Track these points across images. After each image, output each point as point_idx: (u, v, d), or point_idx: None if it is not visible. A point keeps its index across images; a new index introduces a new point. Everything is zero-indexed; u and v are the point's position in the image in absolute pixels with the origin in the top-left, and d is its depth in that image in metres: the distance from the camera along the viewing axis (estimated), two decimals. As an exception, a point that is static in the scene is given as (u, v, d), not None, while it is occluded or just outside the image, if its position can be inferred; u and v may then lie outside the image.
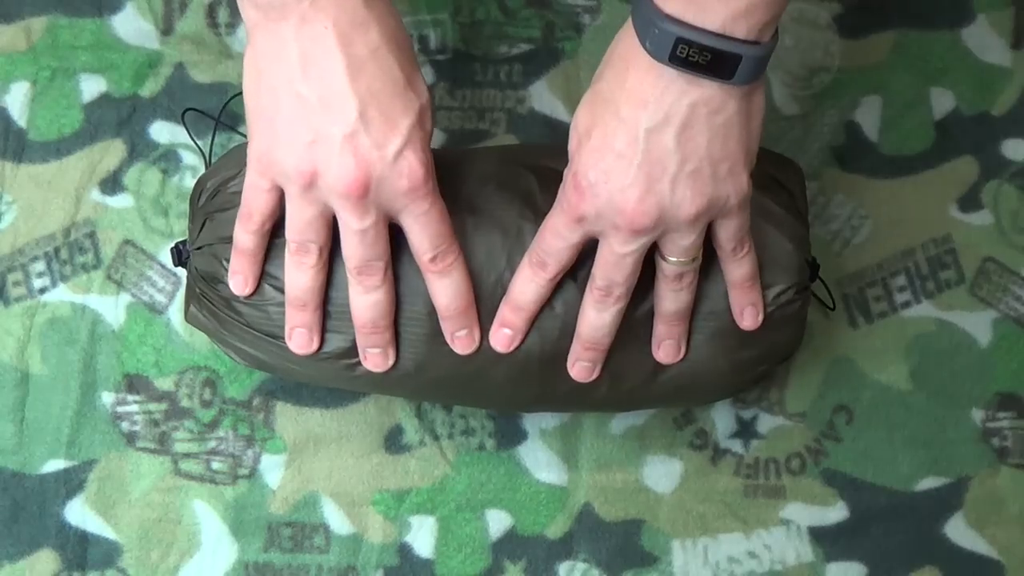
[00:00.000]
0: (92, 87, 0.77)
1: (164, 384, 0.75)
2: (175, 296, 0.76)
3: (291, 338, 0.62)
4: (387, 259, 0.59)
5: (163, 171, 0.77)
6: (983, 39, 0.80)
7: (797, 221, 0.64)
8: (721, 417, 0.76)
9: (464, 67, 0.79)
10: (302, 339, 0.62)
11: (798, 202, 0.65)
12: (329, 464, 0.75)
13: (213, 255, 0.62)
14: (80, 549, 0.74)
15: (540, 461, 0.76)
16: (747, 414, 0.76)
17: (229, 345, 0.65)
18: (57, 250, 0.76)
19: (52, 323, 0.75)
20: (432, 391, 0.65)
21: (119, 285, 0.76)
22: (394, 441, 0.75)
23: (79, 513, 0.74)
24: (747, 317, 0.62)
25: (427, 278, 0.60)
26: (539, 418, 0.76)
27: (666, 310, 0.61)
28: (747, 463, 0.76)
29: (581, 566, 0.75)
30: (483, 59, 0.79)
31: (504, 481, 0.75)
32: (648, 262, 0.59)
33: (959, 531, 0.75)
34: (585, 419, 0.76)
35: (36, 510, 0.74)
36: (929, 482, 0.76)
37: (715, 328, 0.63)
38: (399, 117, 0.56)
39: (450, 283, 0.59)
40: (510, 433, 0.76)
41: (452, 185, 0.61)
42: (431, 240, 0.58)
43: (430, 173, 0.57)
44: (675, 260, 0.58)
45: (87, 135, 0.77)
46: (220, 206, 0.63)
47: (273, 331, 0.62)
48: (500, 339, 0.62)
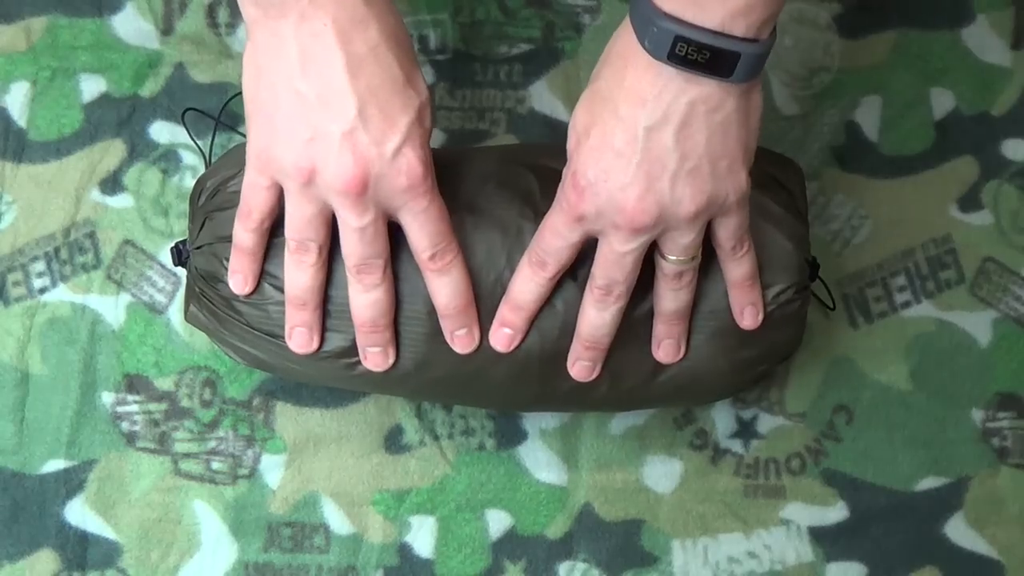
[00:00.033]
0: (92, 87, 0.77)
1: (164, 384, 0.75)
2: (175, 296, 0.76)
3: (291, 337, 0.62)
4: (386, 257, 0.59)
5: (163, 171, 0.77)
6: (983, 39, 0.80)
7: (797, 220, 0.64)
8: (721, 417, 0.76)
9: (464, 67, 0.79)
10: (302, 338, 0.62)
11: (798, 202, 0.65)
12: (329, 464, 0.75)
13: (213, 254, 0.62)
14: (80, 549, 0.74)
15: (540, 461, 0.76)
16: (747, 414, 0.76)
17: (229, 344, 0.65)
18: (57, 250, 0.76)
19: (52, 323, 0.75)
20: (432, 390, 0.65)
21: (119, 285, 0.76)
22: (394, 441, 0.75)
23: (79, 513, 0.74)
24: (747, 317, 0.62)
25: (426, 276, 0.60)
26: (539, 418, 0.76)
27: (666, 309, 0.61)
28: (747, 463, 0.76)
29: (581, 566, 0.75)
30: (483, 59, 0.79)
31: (504, 481, 0.75)
32: (648, 261, 0.59)
33: (959, 531, 0.75)
34: (585, 419, 0.76)
35: (36, 510, 0.74)
36: (929, 482, 0.76)
37: (715, 328, 0.63)
38: (398, 115, 0.56)
39: (449, 281, 0.59)
40: (510, 433, 0.76)
41: (452, 184, 0.61)
42: (430, 238, 0.58)
43: (429, 171, 0.57)
44: (674, 259, 0.58)
45: (87, 135, 0.77)
46: (220, 205, 0.63)
47: (273, 330, 0.62)
48: (500, 339, 0.62)
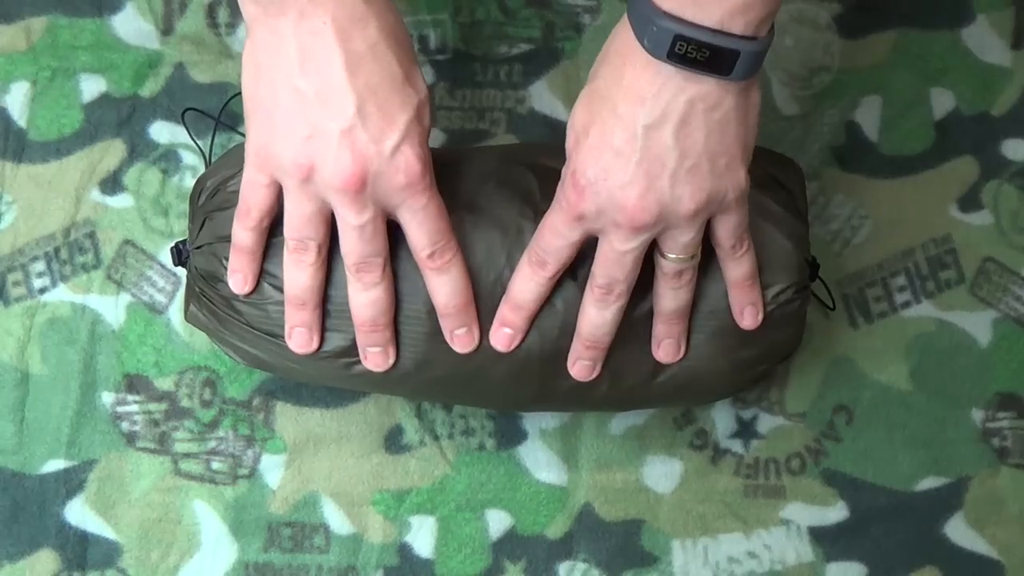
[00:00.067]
0: (92, 87, 0.77)
1: (164, 384, 0.75)
2: (175, 296, 0.76)
3: (291, 337, 0.62)
4: (385, 255, 0.59)
5: (163, 171, 0.77)
6: (983, 39, 0.80)
7: (796, 220, 0.64)
8: (721, 417, 0.76)
9: (464, 67, 0.79)
10: (302, 338, 0.62)
11: (798, 201, 0.65)
12: (329, 464, 0.75)
13: (213, 254, 0.62)
14: (80, 549, 0.74)
15: (540, 461, 0.76)
16: (747, 414, 0.76)
17: (229, 344, 0.65)
18: (57, 250, 0.76)
19: (52, 323, 0.75)
20: (432, 390, 0.65)
21: (119, 285, 0.76)
22: (394, 441, 0.75)
23: (79, 513, 0.74)
24: (747, 316, 0.62)
25: (425, 275, 0.60)
26: (539, 418, 0.76)
27: (666, 308, 0.61)
28: (747, 463, 0.76)
29: (581, 566, 0.75)
30: (483, 59, 0.79)
31: (504, 481, 0.75)
32: (648, 261, 0.59)
33: (959, 531, 0.75)
34: (585, 419, 0.76)
35: (36, 510, 0.74)
36: (929, 482, 0.76)
37: (715, 327, 0.63)
38: (397, 112, 0.56)
39: (448, 280, 0.59)
40: (510, 433, 0.76)
41: (451, 183, 0.61)
42: (429, 236, 0.58)
43: (427, 168, 0.57)
44: (674, 257, 0.58)
45: (87, 135, 0.77)
46: (219, 205, 0.63)
47: (273, 330, 0.62)
48: (500, 338, 0.62)
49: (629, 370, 0.64)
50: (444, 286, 0.59)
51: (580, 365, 0.63)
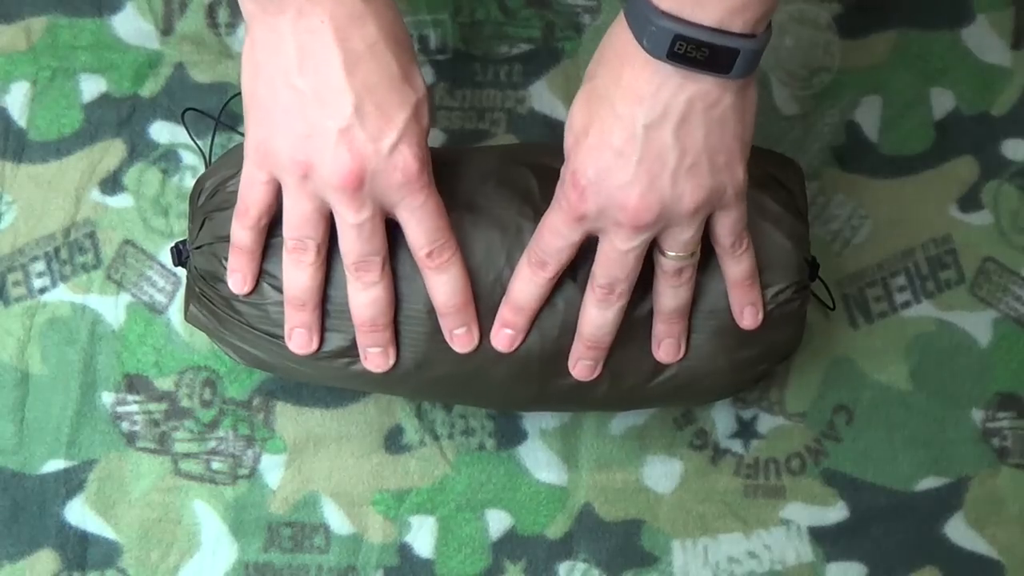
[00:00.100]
0: (92, 87, 0.77)
1: (164, 384, 0.75)
2: (175, 296, 0.76)
3: (291, 338, 0.62)
4: (384, 254, 0.59)
5: (163, 171, 0.77)
6: (983, 39, 0.80)
7: (796, 220, 0.64)
8: (721, 417, 0.76)
9: (464, 67, 0.79)
10: (301, 339, 0.62)
11: (798, 201, 0.65)
12: (329, 464, 0.75)
13: (213, 254, 0.62)
14: (80, 549, 0.74)
15: (540, 461, 0.76)
16: (747, 414, 0.76)
17: (229, 344, 0.65)
18: (57, 250, 0.76)
19: (52, 323, 0.75)
20: (432, 390, 0.65)
21: (119, 285, 0.76)
22: (394, 441, 0.75)
23: (79, 513, 0.74)
24: (747, 316, 0.62)
25: (424, 274, 0.60)
26: (539, 418, 0.76)
27: (665, 307, 0.61)
28: (747, 463, 0.76)
29: (581, 566, 0.75)
30: (483, 59, 0.79)
31: (504, 481, 0.75)
32: (648, 260, 0.59)
33: (959, 531, 0.75)
34: (585, 419, 0.76)
35: (36, 510, 0.74)
36: (929, 482, 0.76)
37: (715, 327, 0.63)
38: (395, 111, 0.56)
39: (448, 279, 0.59)
40: (510, 433, 0.76)
41: (451, 182, 0.61)
42: (427, 235, 0.58)
43: (425, 167, 0.57)
44: (674, 255, 0.58)
45: (87, 135, 0.77)
46: (219, 205, 0.63)
47: (273, 330, 0.62)
48: (501, 340, 0.62)
49: (629, 370, 0.64)
50: (443, 285, 0.59)
51: (582, 365, 0.63)
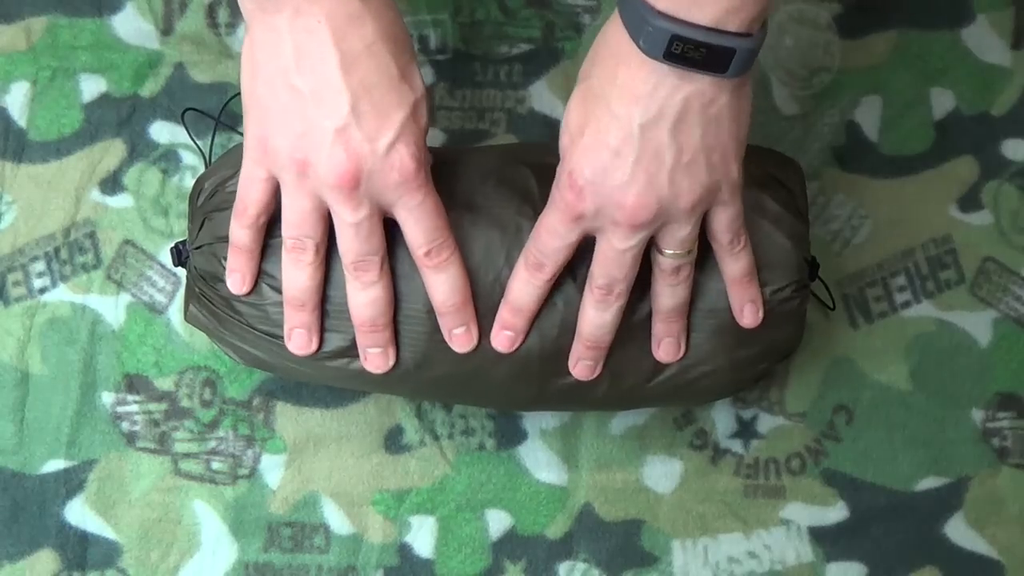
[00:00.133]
0: (92, 87, 0.77)
1: (164, 384, 0.75)
2: (175, 296, 0.76)
3: (290, 339, 0.62)
4: (383, 254, 0.59)
5: (163, 171, 0.77)
6: (983, 39, 0.80)
7: (796, 219, 0.64)
8: (721, 417, 0.76)
9: (464, 67, 0.79)
10: (301, 339, 0.62)
11: (798, 200, 0.65)
12: (329, 464, 0.75)
13: (212, 254, 0.62)
14: (80, 549, 0.74)
15: (540, 461, 0.75)
16: (747, 414, 0.76)
17: (229, 344, 0.65)
18: (57, 250, 0.76)
19: (52, 323, 0.75)
20: (432, 390, 0.65)
21: (119, 285, 0.76)
22: (394, 441, 0.75)
23: (79, 513, 0.74)
24: (747, 314, 0.62)
25: (423, 273, 0.59)
26: (539, 418, 0.76)
27: (664, 306, 0.61)
28: (747, 463, 0.76)
29: (581, 566, 0.75)
30: (483, 59, 0.79)
31: (504, 481, 0.75)
32: (646, 260, 0.59)
33: (959, 531, 0.75)
34: (585, 419, 0.76)
35: (36, 510, 0.74)
36: (929, 482, 0.76)
37: (715, 326, 0.63)
38: (392, 111, 0.56)
39: (446, 278, 0.59)
40: (510, 433, 0.76)
41: (450, 182, 0.61)
42: (425, 234, 0.58)
43: (422, 166, 0.57)
44: (672, 253, 0.58)
45: (87, 135, 0.77)
46: (219, 205, 0.63)
47: (272, 330, 0.62)
48: (501, 341, 0.62)
49: (629, 370, 0.64)
50: (442, 284, 0.59)
51: (582, 365, 0.63)
